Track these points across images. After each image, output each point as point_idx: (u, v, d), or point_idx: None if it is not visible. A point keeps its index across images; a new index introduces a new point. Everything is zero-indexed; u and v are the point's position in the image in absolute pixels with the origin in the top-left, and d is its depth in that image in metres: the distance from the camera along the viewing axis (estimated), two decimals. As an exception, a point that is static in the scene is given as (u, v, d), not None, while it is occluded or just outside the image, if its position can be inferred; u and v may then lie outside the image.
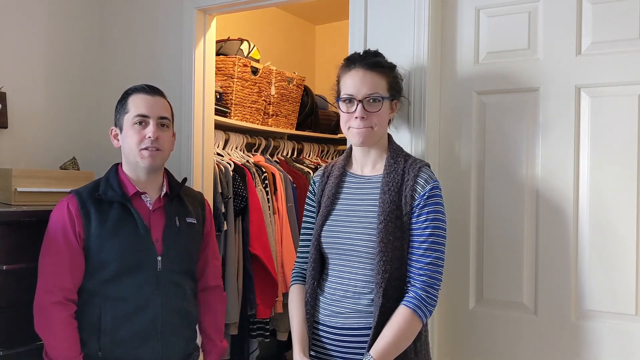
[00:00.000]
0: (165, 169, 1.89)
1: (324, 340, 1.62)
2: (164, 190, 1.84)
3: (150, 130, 1.75)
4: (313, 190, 1.76)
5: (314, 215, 1.74)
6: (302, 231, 1.77)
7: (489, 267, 1.86)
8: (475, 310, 1.89)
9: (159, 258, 1.76)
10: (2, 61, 2.40)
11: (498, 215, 1.85)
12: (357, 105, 1.58)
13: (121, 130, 1.80)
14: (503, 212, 1.84)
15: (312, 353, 1.63)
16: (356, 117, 1.58)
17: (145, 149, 1.75)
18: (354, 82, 1.60)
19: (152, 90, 1.81)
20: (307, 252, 1.72)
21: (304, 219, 1.78)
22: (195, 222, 1.89)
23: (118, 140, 1.83)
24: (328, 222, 1.64)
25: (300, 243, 1.77)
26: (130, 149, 1.77)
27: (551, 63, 1.77)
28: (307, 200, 1.78)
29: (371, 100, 1.58)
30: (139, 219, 1.75)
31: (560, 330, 1.75)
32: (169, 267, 1.79)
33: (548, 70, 1.77)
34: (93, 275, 1.73)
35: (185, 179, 1.95)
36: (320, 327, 1.63)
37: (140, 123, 1.76)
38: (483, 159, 1.88)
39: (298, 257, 1.78)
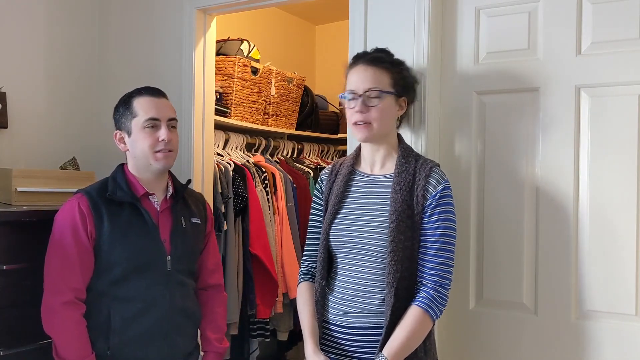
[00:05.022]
0: (169, 170, 1.91)
1: (338, 338, 1.61)
2: (170, 191, 1.86)
3: (163, 134, 1.77)
4: (320, 188, 1.75)
5: (320, 213, 1.73)
6: (309, 229, 1.77)
7: (489, 267, 1.86)
8: (475, 310, 1.89)
9: (169, 258, 1.78)
10: (2, 61, 2.40)
11: (498, 216, 1.85)
12: (359, 99, 1.59)
13: (129, 134, 1.80)
14: (503, 212, 1.84)
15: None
16: (356, 112, 1.59)
17: (159, 151, 1.77)
18: (357, 78, 1.61)
19: (157, 93, 1.82)
20: (314, 250, 1.71)
21: (311, 217, 1.77)
22: (199, 222, 1.91)
23: (125, 144, 1.83)
24: (336, 221, 1.64)
25: (307, 241, 1.76)
26: (143, 152, 1.78)
27: (551, 63, 1.77)
28: (314, 199, 1.77)
29: (371, 95, 1.58)
30: (149, 219, 1.77)
31: (560, 330, 1.75)
32: (176, 267, 1.81)
33: (548, 70, 1.77)
34: (101, 276, 1.74)
35: (189, 181, 1.96)
36: (331, 326, 1.63)
37: (151, 127, 1.77)
38: (483, 159, 1.88)
39: (305, 255, 1.77)
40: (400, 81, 1.64)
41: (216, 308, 1.96)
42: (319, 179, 1.78)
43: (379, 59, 1.62)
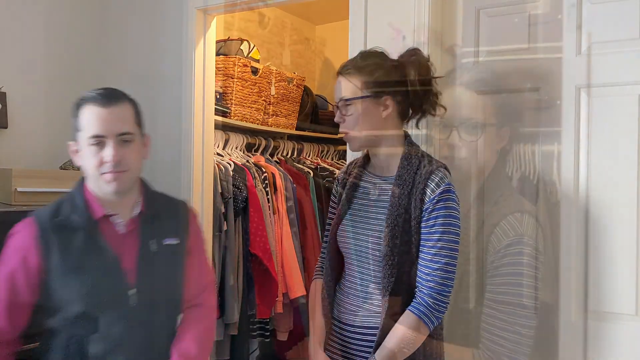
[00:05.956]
0: (141, 180, 1.62)
1: (341, 335, 1.62)
2: (139, 209, 1.57)
3: (108, 154, 1.46)
4: (337, 186, 1.75)
5: (335, 212, 1.73)
6: (327, 227, 1.76)
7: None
8: (475, 310, 1.89)
9: (132, 291, 1.50)
10: (2, 61, 2.40)
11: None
12: (337, 111, 1.59)
13: (79, 147, 1.52)
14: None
15: (327, 348, 1.64)
16: (336, 122, 1.60)
17: (106, 173, 1.47)
18: (334, 89, 1.60)
19: (106, 100, 1.48)
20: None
21: (329, 215, 1.77)
22: (177, 241, 1.61)
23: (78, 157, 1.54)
24: (343, 222, 1.64)
25: (324, 238, 1.77)
26: (91, 172, 1.50)
27: (551, 63, 1.77)
28: (332, 198, 1.77)
29: (343, 105, 1.56)
30: (107, 248, 1.50)
31: (560, 330, 1.75)
32: (144, 300, 1.52)
33: (548, 70, 1.77)
34: (56, 314, 1.49)
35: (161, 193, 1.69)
36: (337, 324, 1.63)
37: (96, 144, 1.46)
38: (483, 160, 1.88)
39: (321, 252, 1.78)
40: (379, 79, 1.55)
41: (185, 323, 1.64)
42: (336, 178, 1.78)
43: (348, 66, 1.58)
